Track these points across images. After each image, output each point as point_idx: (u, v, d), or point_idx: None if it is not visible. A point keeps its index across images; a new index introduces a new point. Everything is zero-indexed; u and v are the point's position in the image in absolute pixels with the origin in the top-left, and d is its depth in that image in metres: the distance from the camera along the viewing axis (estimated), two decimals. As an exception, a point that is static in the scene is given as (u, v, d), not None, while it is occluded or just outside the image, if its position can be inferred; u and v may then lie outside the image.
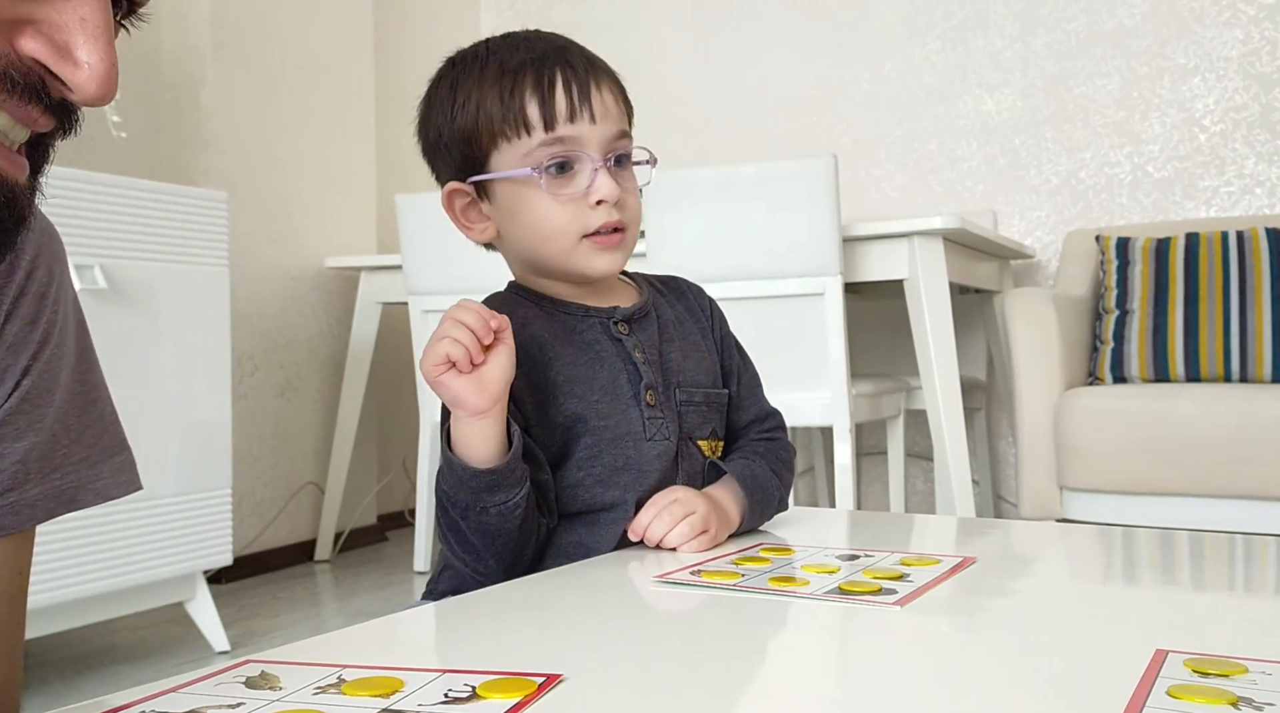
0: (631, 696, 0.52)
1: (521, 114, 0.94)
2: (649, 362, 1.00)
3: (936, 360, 2.40)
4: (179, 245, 2.15)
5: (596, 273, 0.98)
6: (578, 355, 0.98)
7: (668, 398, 1.00)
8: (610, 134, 0.96)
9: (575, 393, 0.97)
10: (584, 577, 0.83)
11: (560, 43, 0.99)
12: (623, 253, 0.99)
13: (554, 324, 1.00)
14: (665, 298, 1.08)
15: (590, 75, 0.96)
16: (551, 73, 0.95)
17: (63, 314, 0.68)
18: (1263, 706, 0.48)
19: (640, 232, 1.07)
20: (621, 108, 0.99)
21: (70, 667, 2.18)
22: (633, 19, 3.75)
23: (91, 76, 0.47)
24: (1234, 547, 0.95)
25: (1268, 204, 2.93)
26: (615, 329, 1.00)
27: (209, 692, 0.53)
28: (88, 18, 0.46)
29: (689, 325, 1.07)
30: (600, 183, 0.95)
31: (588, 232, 0.95)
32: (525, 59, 0.95)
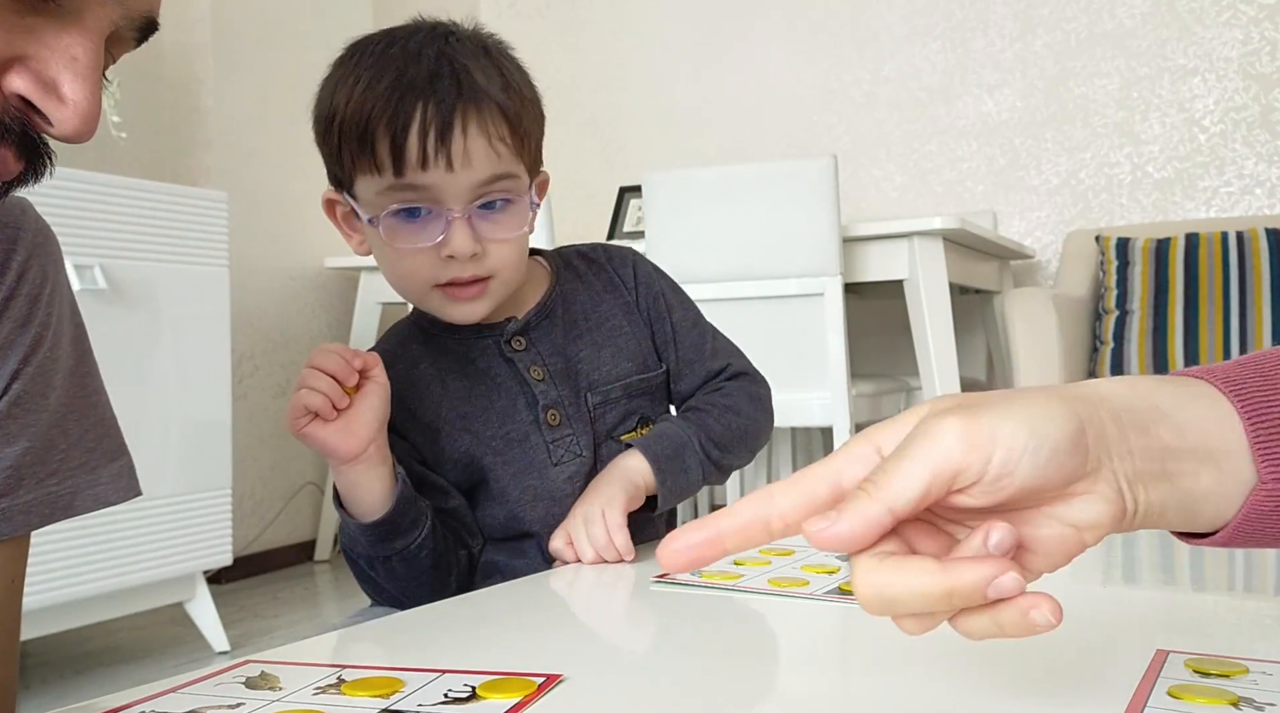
0: (631, 696, 0.52)
1: (372, 150, 0.84)
2: (551, 375, 0.94)
3: (936, 361, 2.40)
4: (179, 245, 2.15)
5: (453, 321, 0.91)
6: (470, 388, 0.93)
7: (577, 407, 0.94)
8: (476, 181, 0.85)
9: (469, 429, 0.92)
10: (584, 577, 0.83)
11: (436, 64, 0.85)
12: (484, 302, 0.90)
13: (445, 357, 0.95)
14: (581, 280, 1.00)
15: (458, 113, 0.83)
16: (409, 111, 0.83)
17: (57, 317, 0.67)
18: (1263, 706, 0.48)
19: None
20: (501, 147, 0.86)
21: (70, 667, 2.18)
22: (633, 19, 3.75)
23: (74, 113, 0.47)
24: (1234, 547, 0.95)
25: (1267, 204, 2.93)
26: (507, 349, 0.94)
27: (209, 692, 0.53)
28: (79, 57, 0.47)
29: (607, 306, 0.99)
30: (452, 237, 0.85)
31: (439, 283, 0.87)
32: (389, 85, 0.84)
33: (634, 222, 3.24)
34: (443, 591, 0.88)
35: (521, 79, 0.91)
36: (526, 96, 0.90)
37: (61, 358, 0.67)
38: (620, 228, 3.28)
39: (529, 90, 0.91)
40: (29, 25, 0.46)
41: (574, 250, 1.04)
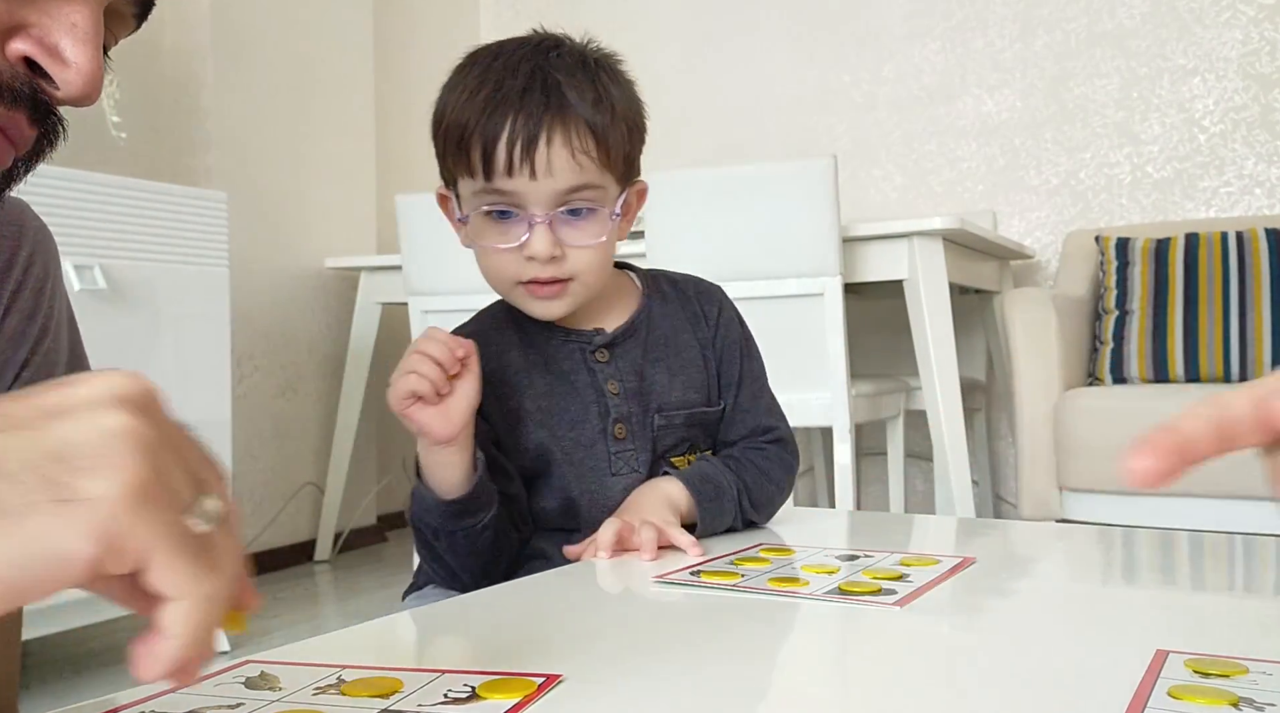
0: (631, 696, 0.52)
1: (466, 156, 0.92)
2: (625, 391, 0.99)
3: (936, 361, 2.40)
4: (179, 245, 2.15)
5: (535, 316, 0.98)
6: (551, 386, 0.98)
7: (643, 425, 0.99)
8: (557, 189, 0.91)
9: (544, 424, 0.97)
10: (584, 577, 0.83)
11: (530, 78, 0.92)
12: (564, 302, 0.96)
13: (531, 351, 1.00)
14: (667, 305, 1.06)
15: (544, 127, 0.90)
16: (500, 122, 0.91)
17: (58, 310, 0.69)
18: (1263, 706, 0.48)
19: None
20: (584, 160, 0.92)
21: (70, 667, 2.18)
22: (632, 19, 3.75)
23: (78, 74, 0.49)
24: (1234, 547, 0.95)
25: (1267, 205, 2.93)
26: (592, 358, 0.99)
27: (209, 692, 0.53)
28: (78, 23, 0.49)
29: (684, 337, 1.04)
30: (533, 240, 0.92)
31: (521, 280, 0.94)
32: (485, 96, 0.92)
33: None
34: (494, 569, 0.93)
35: (619, 93, 0.97)
36: (619, 111, 0.96)
37: (61, 350, 0.68)
38: (620, 228, 3.27)
39: (625, 104, 0.97)
40: None
41: (665, 276, 1.10)
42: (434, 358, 0.85)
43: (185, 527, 0.37)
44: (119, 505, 0.35)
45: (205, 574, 0.37)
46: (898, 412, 2.83)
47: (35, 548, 0.34)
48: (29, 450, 0.35)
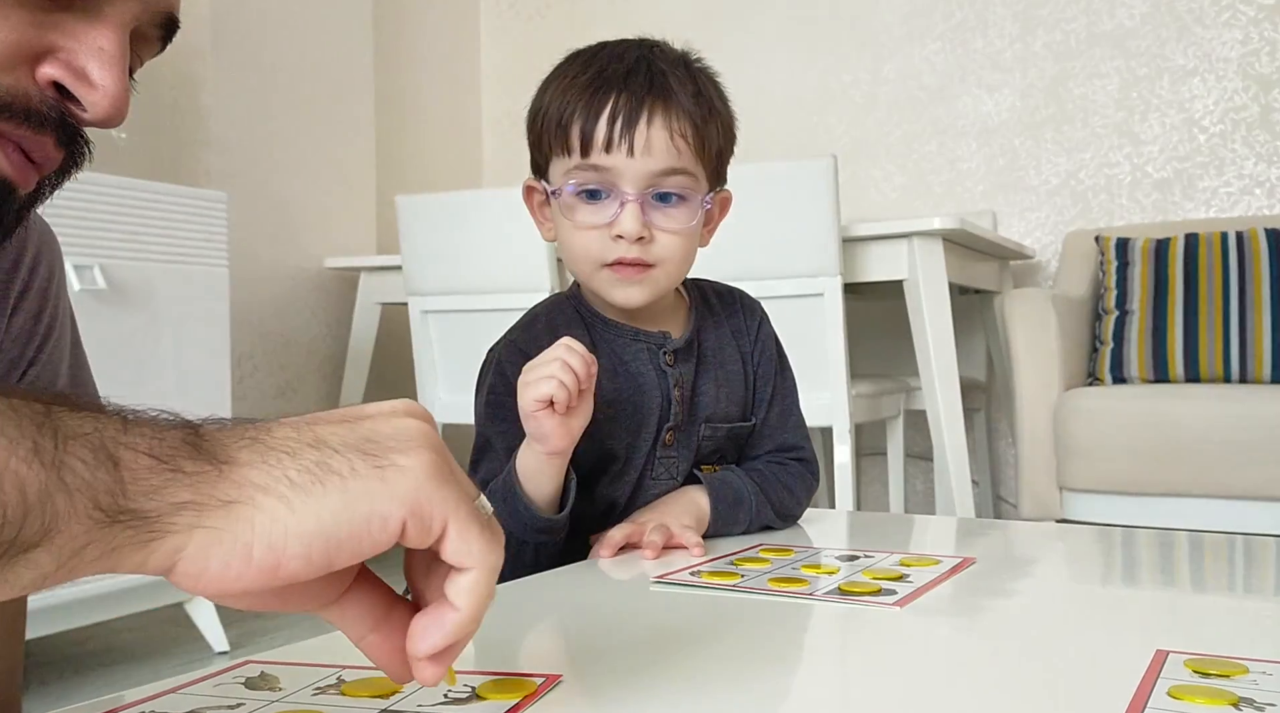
0: (630, 696, 0.52)
1: (565, 134, 0.94)
2: (682, 398, 1.00)
3: (936, 361, 2.40)
4: (179, 246, 2.15)
5: (615, 302, 0.98)
6: (619, 389, 0.99)
7: (689, 435, 1.01)
8: (652, 170, 0.93)
9: (607, 432, 0.97)
10: (584, 577, 0.83)
11: (636, 63, 0.96)
12: (645, 288, 0.96)
13: (601, 350, 0.99)
14: (714, 317, 1.07)
15: (646, 106, 0.93)
16: (604, 98, 0.93)
17: (62, 310, 0.70)
18: (1263, 706, 0.48)
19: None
20: (681, 143, 0.94)
21: (70, 667, 2.18)
22: (632, 20, 3.75)
23: (105, 96, 0.51)
24: (1234, 547, 0.95)
25: (1267, 205, 2.93)
26: (663, 360, 1.00)
27: (209, 693, 0.53)
28: (105, 47, 0.51)
29: (729, 351, 1.06)
30: (623, 217, 0.93)
31: (606, 262, 0.95)
32: (594, 75, 0.95)
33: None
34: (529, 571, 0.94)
35: (715, 94, 1.00)
36: (716, 109, 0.98)
37: (64, 350, 0.70)
38: (620, 228, 3.28)
39: (721, 106, 1.00)
40: (57, 21, 0.50)
41: (711, 286, 1.11)
42: (574, 369, 0.85)
43: (476, 505, 0.43)
44: (423, 475, 0.41)
45: (494, 547, 0.43)
46: (898, 412, 2.83)
47: (360, 507, 0.40)
48: (347, 435, 0.42)
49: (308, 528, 0.39)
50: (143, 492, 0.38)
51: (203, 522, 0.39)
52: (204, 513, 0.39)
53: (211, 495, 0.39)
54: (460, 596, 0.43)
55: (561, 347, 0.86)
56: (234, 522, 0.39)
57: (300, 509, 0.40)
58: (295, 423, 0.43)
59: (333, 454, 0.41)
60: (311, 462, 0.41)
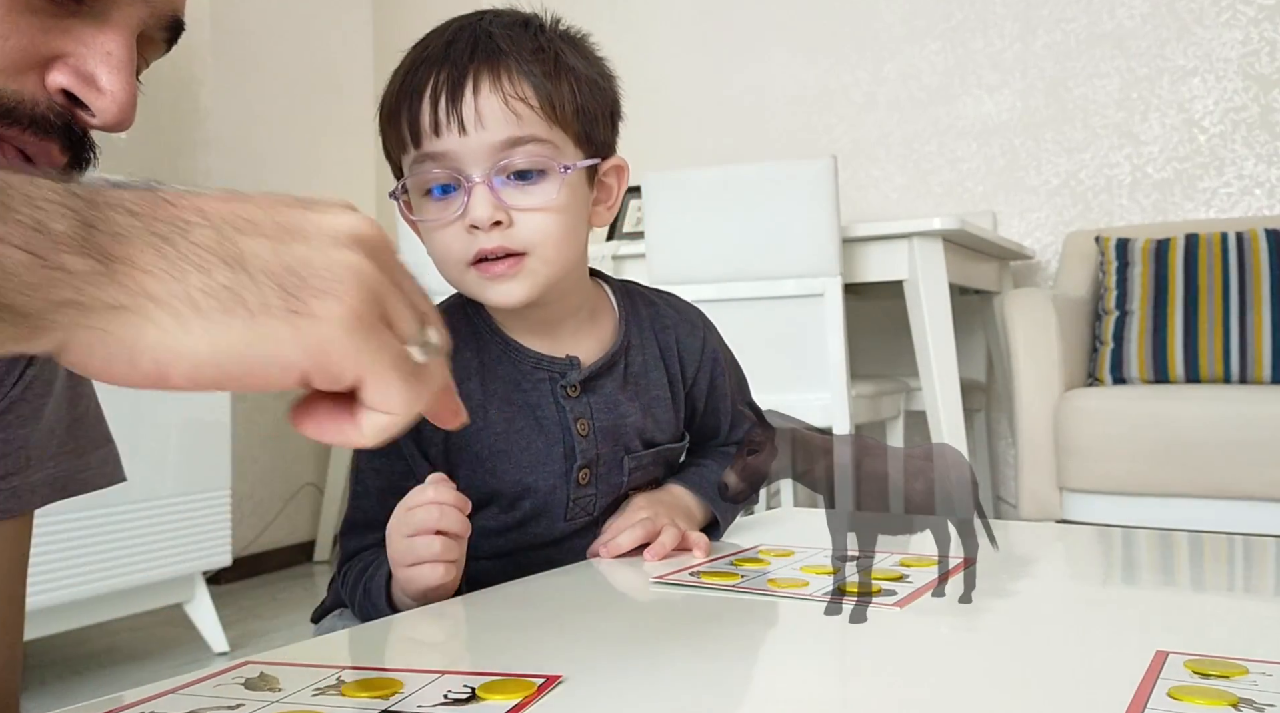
0: (631, 697, 0.52)
1: (396, 126, 0.84)
2: (596, 430, 0.89)
3: (936, 361, 2.40)
4: (178, 246, 2.15)
5: (492, 305, 0.87)
6: (511, 421, 0.87)
7: (612, 468, 0.90)
8: (492, 143, 0.81)
9: (494, 471, 0.87)
10: (584, 578, 0.83)
11: (457, 33, 0.84)
12: (522, 283, 0.84)
13: (492, 379, 0.88)
14: (643, 334, 0.95)
15: (470, 75, 0.81)
16: (424, 76, 0.82)
17: None
18: (1263, 707, 0.48)
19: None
20: (520, 107, 0.81)
21: (70, 668, 2.18)
22: (632, 19, 3.75)
23: (113, 102, 0.51)
24: (1234, 548, 0.95)
25: (1267, 205, 2.93)
26: (562, 393, 0.88)
27: (208, 693, 0.53)
28: (113, 52, 0.51)
29: (656, 374, 0.94)
30: (471, 204, 0.81)
31: (469, 260, 0.83)
32: (415, 55, 0.85)
33: (633, 222, 3.24)
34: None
35: (569, 50, 0.86)
36: (568, 64, 0.85)
37: None
38: (620, 228, 3.27)
39: (579, 62, 0.86)
40: (65, 26, 0.50)
41: (643, 296, 0.98)
42: (451, 532, 0.75)
43: (405, 353, 0.41)
44: (339, 329, 0.38)
45: (415, 397, 0.41)
46: (898, 412, 2.83)
47: (261, 347, 0.37)
48: (271, 259, 0.38)
49: (200, 354, 0.37)
50: (16, 289, 0.34)
51: (86, 322, 0.36)
52: (88, 314, 0.36)
53: (97, 298, 0.36)
54: (368, 428, 0.41)
55: (430, 494, 0.75)
56: (121, 327, 0.36)
57: (195, 333, 0.37)
58: (219, 220, 0.38)
59: (248, 282, 0.37)
60: (222, 286, 0.37)
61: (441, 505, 0.75)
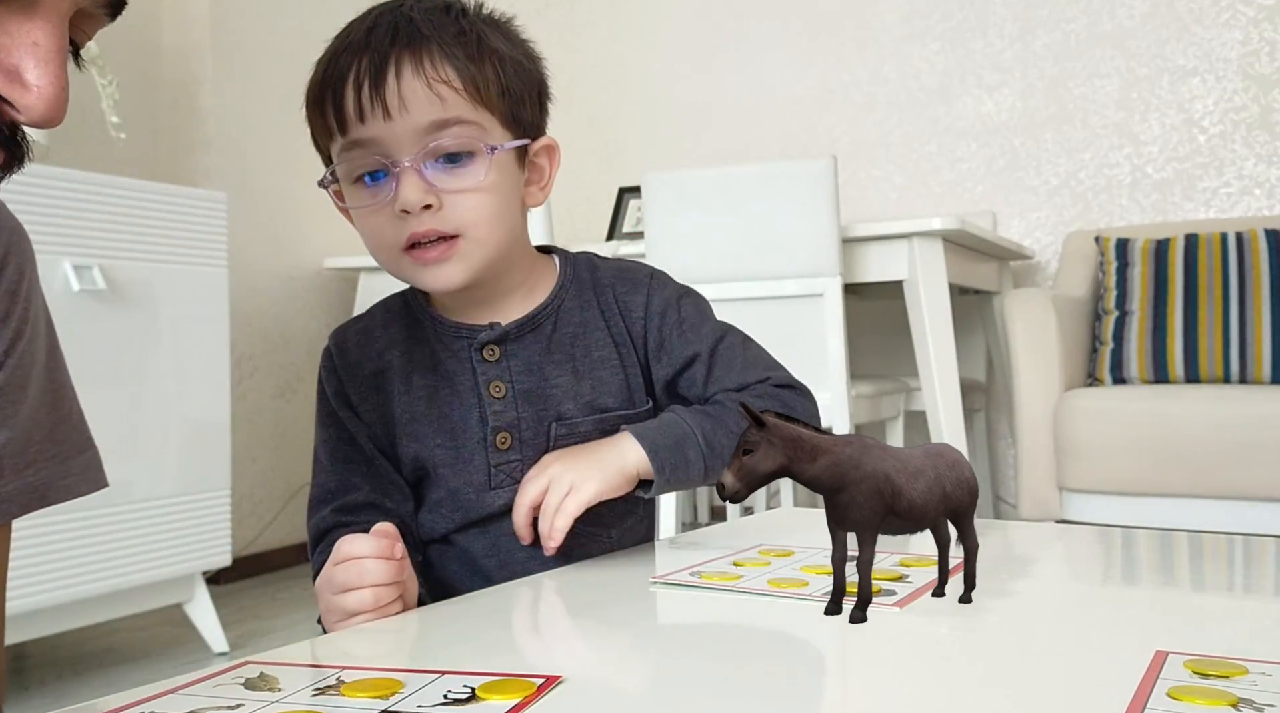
0: (630, 697, 0.52)
1: (321, 114, 0.84)
2: (515, 394, 0.89)
3: (936, 361, 2.40)
4: (178, 246, 2.15)
5: (430, 290, 0.88)
6: (431, 390, 0.89)
7: (537, 433, 0.89)
8: (417, 126, 0.81)
9: (416, 435, 0.89)
10: (583, 578, 0.83)
11: (377, 19, 0.84)
12: (459, 264, 0.84)
13: (419, 347, 0.91)
14: (582, 296, 0.94)
15: (391, 59, 0.81)
16: (347, 64, 0.82)
17: (34, 311, 0.68)
18: (1263, 707, 0.47)
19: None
20: (445, 90, 0.81)
21: (69, 668, 2.18)
22: (632, 19, 3.75)
23: (40, 99, 0.47)
24: (1233, 548, 0.95)
25: (1267, 205, 2.93)
26: (477, 356, 0.89)
27: (208, 693, 0.53)
28: (40, 42, 0.47)
29: (599, 335, 0.92)
30: (400, 189, 0.81)
31: (402, 245, 0.83)
32: (338, 44, 0.85)
33: (633, 222, 3.24)
34: None
35: (492, 33, 0.86)
36: (491, 46, 0.85)
37: (38, 352, 0.67)
38: (620, 228, 3.27)
39: (502, 44, 0.86)
40: None
41: (591, 262, 0.97)
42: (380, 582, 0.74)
43: None
44: None
45: None
46: (897, 412, 2.83)
47: None
48: None
49: None
50: None
51: None
52: None
53: None
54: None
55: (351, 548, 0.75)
56: None
57: None
58: None
59: None
60: None
61: (361, 561, 0.74)
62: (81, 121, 2.60)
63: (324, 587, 0.77)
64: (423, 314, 0.92)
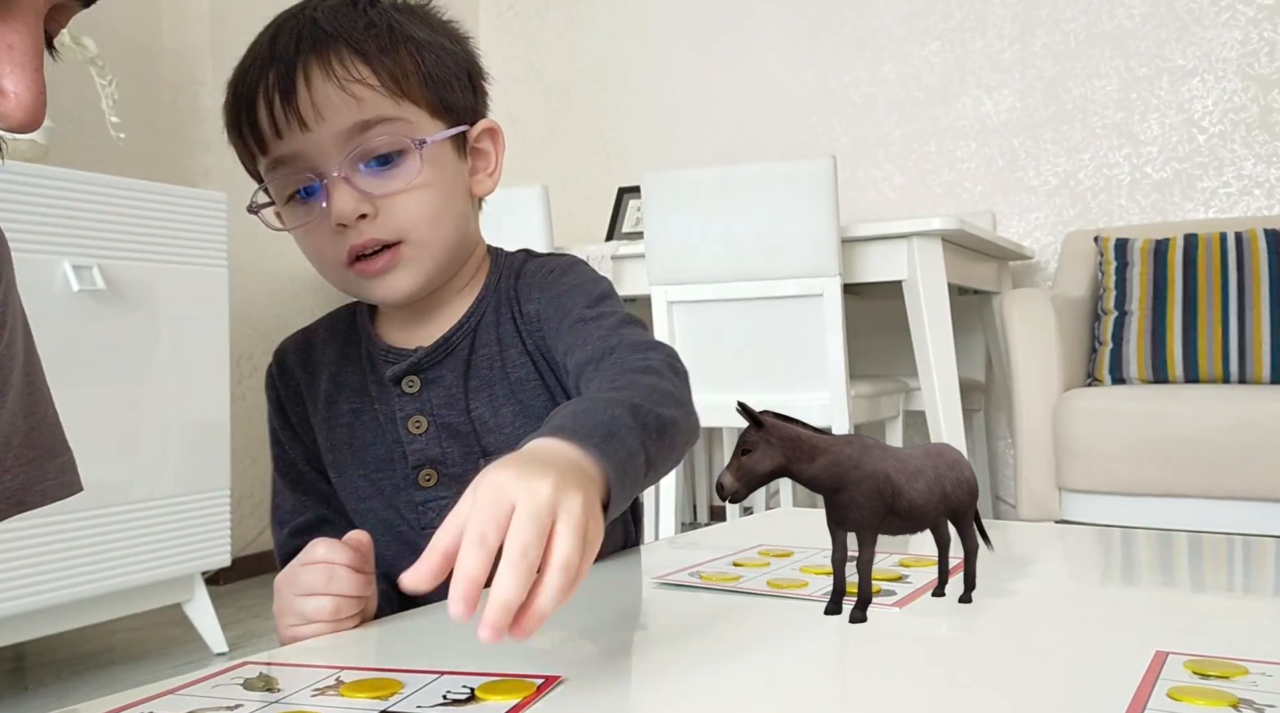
0: (630, 697, 0.52)
1: (239, 136, 0.79)
2: (436, 428, 0.81)
3: (935, 361, 2.40)
4: (178, 246, 2.15)
5: (380, 303, 0.83)
6: (353, 416, 0.84)
7: (466, 469, 0.79)
8: (337, 133, 0.75)
9: (338, 465, 0.84)
10: (583, 578, 0.83)
11: (280, 26, 0.78)
12: (406, 272, 0.78)
13: (348, 369, 0.85)
14: (500, 310, 0.84)
15: (299, 67, 0.75)
16: (255, 79, 0.77)
17: (12, 314, 0.67)
18: (1263, 707, 0.47)
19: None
20: (360, 89, 0.75)
21: (68, 668, 2.18)
22: (632, 20, 3.75)
23: (18, 106, 0.46)
24: (1233, 548, 0.95)
25: (1266, 205, 2.93)
26: (395, 389, 0.82)
27: (207, 693, 0.53)
28: (15, 45, 0.46)
29: (515, 352, 0.83)
30: (332, 202, 0.76)
31: (343, 260, 0.78)
32: (245, 59, 0.79)
33: (633, 222, 3.24)
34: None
35: (409, 19, 0.80)
36: (405, 33, 0.78)
37: (16, 355, 0.67)
38: (619, 228, 3.27)
39: (419, 29, 0.80)
40: None
41: (517, 265, 0.87)
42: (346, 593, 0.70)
43: None
44: None
45: None
46: (897, 412, 2.83)
47: None
48: None
49: None
50: None
51: None
52: None
53: None
54: None
55: (319, 569, 0.70)
56: None
57: None
58: None
59: None
60: None
61: (332, 566, 0.70)
62: (81, 121, 2.61)
63: (285, 584, 0.73)
64: (363, 331, 0.87)
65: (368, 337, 0.86)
